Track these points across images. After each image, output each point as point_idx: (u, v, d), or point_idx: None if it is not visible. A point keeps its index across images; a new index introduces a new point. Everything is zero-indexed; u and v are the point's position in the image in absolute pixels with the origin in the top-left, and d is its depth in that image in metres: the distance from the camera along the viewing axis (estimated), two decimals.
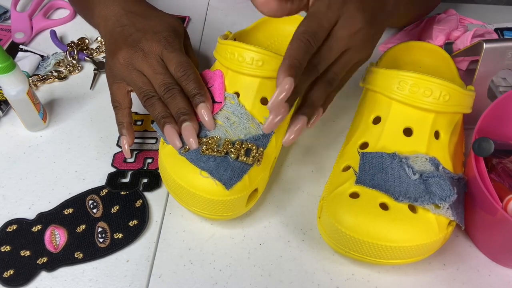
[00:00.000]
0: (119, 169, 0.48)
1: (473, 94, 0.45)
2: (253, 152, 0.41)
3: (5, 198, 0.46)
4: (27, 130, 0.52)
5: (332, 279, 0.41)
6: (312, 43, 0.36)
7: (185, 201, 0.41)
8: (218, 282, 0.40)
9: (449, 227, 0.39)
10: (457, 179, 0.41)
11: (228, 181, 0.39)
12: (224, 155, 0.40)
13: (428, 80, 0.41)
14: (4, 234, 0.43)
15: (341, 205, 0.39)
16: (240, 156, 0.40)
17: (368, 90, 0.47)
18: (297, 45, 0.35)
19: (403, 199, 0.38)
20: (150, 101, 0.44)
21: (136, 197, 0.46)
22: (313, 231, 0.44)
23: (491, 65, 0.48)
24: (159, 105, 0.43)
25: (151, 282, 0.40)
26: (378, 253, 0.37)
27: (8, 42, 0.61)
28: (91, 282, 0.40)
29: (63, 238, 0.43)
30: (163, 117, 0.43)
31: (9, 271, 0.40)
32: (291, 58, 0.35)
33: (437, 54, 0.52)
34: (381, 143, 0.42)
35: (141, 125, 0.52)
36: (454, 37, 0.59)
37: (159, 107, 0.43)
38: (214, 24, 0.67)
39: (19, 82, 0.46)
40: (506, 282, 0.41)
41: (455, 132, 0.44)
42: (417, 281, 0.41)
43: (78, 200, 0.45)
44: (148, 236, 0.43)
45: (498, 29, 0.63)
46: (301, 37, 0.36)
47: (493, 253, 0.42)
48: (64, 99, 0.55)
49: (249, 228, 0.44)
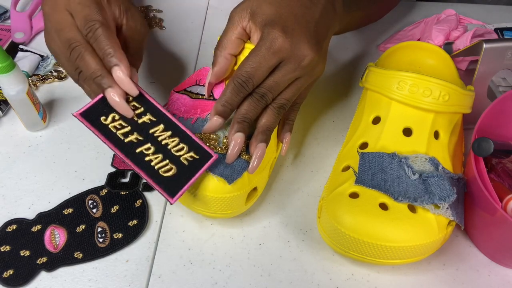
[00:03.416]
0: (119, 169, 0.48)
1: (472, 94, 0.45)
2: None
3: (5, 198, 0.46)
4: (27, 130, 0.52)
5: (332, 279, 0.41)
6: (245, 86, 0.38)
7: (184, 199, 0.41)
8: (218, 282, 0.40)
9: (449, 227, 0.39)
10: (457, 179, 0.41)
11: (229, 176, 0.39)
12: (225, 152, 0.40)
13: (427, 80, 0.41)
14: (4, 234, 0.43)
15: (340, 205, 0.39)
16: (241, 155, 0.40)
17: (368, 90, 0.47)
18: (230, 87, 0.39)
19: (402, 199, 0.38)
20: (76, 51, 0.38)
21: (136, 197, 0.46)
22: (313, 231, 0.44)
23: (491, 65, 0.48)
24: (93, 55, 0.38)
25: (151, 282, 0.40)
26: (378, 253, 0.37)
27: (8, 42, 0.61)
28: (90, 282, 0.40)
29: (63, 238, 0.43)
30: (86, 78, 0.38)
31: (9, 271, 0.40)
32: (223, 100, 0.39)
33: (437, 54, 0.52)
34: (381, 143, 0.42)
35: None
36: (454, 37, 0.59)
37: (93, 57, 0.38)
38: (214, 24, 0.67)
39: (18, 82, 0.46)
40: (505, 282, 0.41)
41: (455, 132, 0.44)
42: (417, 281, 0.41)
43: (77, 200, 0.45)
44: (148, 236, 0.43)
45: (498, 29, 0.63)
46: (235, 80, 0.38)
47: (492, 253, 0.42)
48: (63, 99, 0.55)
49: (249, 228, 0.44)
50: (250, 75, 0.38)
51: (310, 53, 0.39)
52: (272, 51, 0.38)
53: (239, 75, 0.38)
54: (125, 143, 0.37)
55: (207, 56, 0.62)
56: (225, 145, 0.40)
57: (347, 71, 0.61)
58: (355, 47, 0.64)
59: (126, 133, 0.38)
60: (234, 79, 0.38)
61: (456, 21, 0.60)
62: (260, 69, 0.38)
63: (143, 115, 0.39)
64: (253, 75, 0.38)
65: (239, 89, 0.38)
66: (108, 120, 0.37)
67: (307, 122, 0.54)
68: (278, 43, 0.38)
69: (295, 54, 0.39)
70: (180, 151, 0.38)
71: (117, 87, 0.37)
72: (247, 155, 0.40)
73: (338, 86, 0.58)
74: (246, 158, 0.40)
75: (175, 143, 0.38)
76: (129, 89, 0.37)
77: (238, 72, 0.38)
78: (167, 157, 0.38)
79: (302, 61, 0.39)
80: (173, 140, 0.39)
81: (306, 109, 0.54)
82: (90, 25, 0.37)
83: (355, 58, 0.63)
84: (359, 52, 0.63)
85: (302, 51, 0.39)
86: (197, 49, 0.63)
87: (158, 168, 0.37)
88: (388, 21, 0.66)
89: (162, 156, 0.38)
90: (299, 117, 0.52)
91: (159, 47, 0.63)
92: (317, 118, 0.54)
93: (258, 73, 0.38)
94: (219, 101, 0.39)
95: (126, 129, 0.38)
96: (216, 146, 0.40)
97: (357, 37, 0.65)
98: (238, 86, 0.38)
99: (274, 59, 0.38)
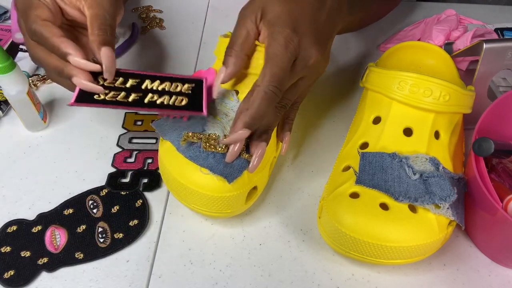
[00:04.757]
0: (119, 169, 0.48)
1: (473, 94, 0.45)
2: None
3: (5, 198, 0.46)
4: (27, 130, 0.52)
5: (332, 279, 0.41)
6: (277, 94, 0.37)
7: (184, 199, 0.41)
8: (218, 282, 0.40)
9: (449, 227, 0.39)
10: (457, 179, 0.41)
11: (229, 175, 0.39)
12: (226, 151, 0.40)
13: (428, 80, 0.41)
14: (4, 235, 0.43)
15: (341, 205, 0.39)
16: (241, 154, 0.40)
17: (368, 90, 0.47)
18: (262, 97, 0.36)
19: (403, 199, 0.38)
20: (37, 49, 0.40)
21: (136, 197, 0.46)
22: (313, 231, 0.44)
23: (491, 65, 0.48)
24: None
25: (151, 282, 0.40)
26: (378, 253, 0.37)
27: (8, 42, 0.61)
28: (91, 282, 0.40)
29: (64, 238, 0.43)
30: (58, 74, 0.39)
31: (10, 271, 0.40)
32: (254, 112, 0.36)
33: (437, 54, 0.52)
34: (381, 143, 0.42)
35: (141, 125, 0.52)
36: (454, 37, 0.59)
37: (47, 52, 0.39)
38: (214, 24, 0.67)
39: (19, 82, 0.46)
40: (506, 282, 0.41)
41: (455, 132, 0.44)
42: (417, 281, 0.41)
43: (78, 200, 0.45)
44: (148, 236, 0.43)
45: (498, 29, 0.63)
46: (267, 90, 0.36)
47: (493, 253, 0.42)
48: (64, 99, 0.55)
49: (249, 228, 0.44)
50: (280, 81, 0.37)
51: (316, 53, 0.39)
52: (290, 51, 0.37)
53: (270, 82, 0.36)
54: (130, 102, 0.39)
55: (207, 56, 0.62)
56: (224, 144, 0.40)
57: (348, 71, 0.61)
58: (355, 47, 0.64)
59: (125, 96, 0.39)
60: (265, 87, 0.36)
61: (456, 21, 0.60)
62: (286, 71, 0.37)
63: (126, 81, 0.40)
64: (283, 79, 0.37)
65: (272, 98, 0.36)
66: (101, 96, 0.38)
67: (307, 122, 0.54)
68: (293, 42, 0.37)
69: (302, 54, 0.38)
70: (177, 87, 0.41)
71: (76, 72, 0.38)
72: (247, 154, 0.40)
73: (338, 86, 0.58)
74: (246, 157, 0.40)
75: (169, 86, 0.41)
76: (89, 68, 0.38)
77: (266, 78, 0.36)
78: (172, 95, 0.40)
79: (308, 62, 0.39)
80: (165, 85, 0.41)
81: (306, 109, 0.54)
82: (28, 28, 0.38)
83: (355, 58, 0.63)
84: (359, 52, 0.63)
85: (309, 52, 0.39)
86: (197, 49, 0.63)
87: (172, 103, 0.39)
88: (388, 21, 0.66)
89: (168, 96, 0.40)
90: (299, 117, 0.52)
91: (159, 47, 0.63)
92: (318, 118, 0.54)
93: (286, 76, 0.37)
94: (248, 112, 0.36)
95: (122, 94, 0.39)
96: (216, 146, 0.40)
97: (357, 37, 0.65)
98: (271, 95, 0.36)
99: (292, 58, 0.38)
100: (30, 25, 0.38)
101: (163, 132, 0.43)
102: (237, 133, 0.37)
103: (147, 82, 0.40)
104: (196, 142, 0.40)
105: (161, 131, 0.43)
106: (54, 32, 0.38)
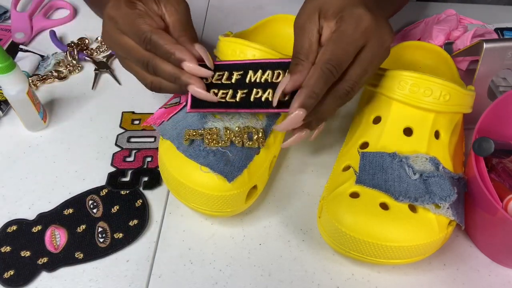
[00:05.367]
0: (119, 168, 0.48)
1: (473, 94, 0.45)
2: (255, 134, 0.41)
3: (5, 198, 0.46)
4: (27, 130, 0.52)
5: (332, 279, 0.41)
6: (334, 74, 0.35)
7: (184, 198, 0.41)
8: (218, 282, 0.40)
9: (449, 227, 0.39)
10: (457, 179, 0.41)
11: (229, 174, 0.39)
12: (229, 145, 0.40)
13: (428, 80, 0.41)
14: (4, 235, 0.43)
15: (341, 205, 0.39)
16: (244, 143, 0.40)
17: (368, 89, 0.47)
18: (318, 75, 0.34)
19: (403, 198, 0.38)
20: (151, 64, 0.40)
21: (136, 197, 0.46)
22: (313, 231, 0.44)
23: (491, 65, 0.48)
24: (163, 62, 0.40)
25: (151, 282, 0.40)
26: (378, 253, 0.37)
27: (8, 42, 0.61)
28: (91, 282, 0.40)
29: (64, 238, 0.43)
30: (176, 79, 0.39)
31: (10, 271, 0.40)
32: (309, 89, 0.35)
33: (437, 54, 0.52)
34: (381, 143, 0.42)
35: (139, 124, 0.52)
36: (454, 37, 0.59)
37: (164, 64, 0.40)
38: (214, 24, 0.67)
39: (19, 82, 0.46)
40: (506, 282, 0.41)
41: (455, 132, 0.44)
42: (417, 281, 0.41)
43: (78, 200, 0.45)
44: (148, 236, 0.43)
45: (498, 29, 0.63)
46: (324, 67, 0.34)
47: (493, 253, 0.42)
48: (64, 99, 0.55)
49: (249, 228, 0.44)
50: (340, 61, 0.34)
51: (391, 33, 0.37)
52: (360, 31, 0.35)
53: (328, 61, 0.34)
54: (239, 102, 0.40)
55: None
56: (227, 138, 0.40)
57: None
58: None
59: (233, 95, 0.40)
60: (322, 65, 0.34)
61: (456, 21, 0.60)
62: (349, 53, 0.35)
63: (231, 75, 0.41)
64: (342, 60, 0.35)
65: (329, 77, 0.34)
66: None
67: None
68: (366, 21, 0.35)
69: (378, 34, 0.36)
70: (279, 76, 0.40)
71: (193, 81, 0.39)
72: (251, 142, 0.40)
73: None
74: (249, 145, 0.40)
75: (271, 75, 0.40)
76: (204, 74, 0.39)
77: (325, 57, 0.35)
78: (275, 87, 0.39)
79: (384, 43, 0.36)
80: (267, 74, 0.40)
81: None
82: (143, 38, 0.39)
83: None
84: None
85: (384, 31, 0.36)
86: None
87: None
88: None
89: (272, 90, 0.39)
90: None
91: None
92: None
93: (347, 58, 0.35)
94: (303, 91, 0.35)
95: (230, 92, 0.40)
96: (218, 141, 0.40)
97: None
98: (328, 73, 0.34)
99: (361, 40, 0.35)
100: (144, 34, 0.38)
101: (163, 131, 0.43)
102: (294, 114, 0.35)
103: (250, 74, 0.41)
104: (197, 141, 0.40)
105: (161, 130, 0.43)
106: (169, 39, 0.39)
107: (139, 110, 0.54)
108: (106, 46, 0.40)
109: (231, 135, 0.40)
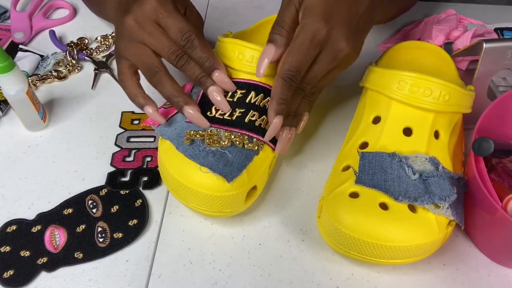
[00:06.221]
0: (119, 168, 0.48)
1: (473, 94, 0.45)
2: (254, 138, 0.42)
3: (5, 198, 0.46)
4: (26, 130, 0.52)
5: (332, 279, 0.41)
6: (295, 80, 0.39)
7: (184, 198, 0.41)
8: (217, 282, 0.40)
9: (449, 227, 0.39)
10: (457, 178, 0.41)
11: (228, 174, 0.39)
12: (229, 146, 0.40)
13: (427, 80, 0.41)
14: (4, 235, 0.43)
15: (341, 205, 0.39)
16: (245, 144, 0.41)
17: (368, 89, 0.47)
18: (281, 84, 0.39)
19: (402, 198, 0.38)
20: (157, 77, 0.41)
21: (136, 196, 0.46)
22: (313, 231, 0.44)
23: (491, 65, 0.48)
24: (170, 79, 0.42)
25: (150, 282, 0.40)
26: (378, 253, 0.37)
27: (8, 42, 0.61)
28: (90, 282, 0.40)
29: (63, 238, 0.43)
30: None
31: (9, 271, 0.40)
32: (277, 97, 0.39)
33: (437, 54, 0.52)
34: (381, 143, 0.42)
35: (138, 124, 0.52)
36: (454, 37, 0.59)
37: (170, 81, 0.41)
38: (214, 24, 0.67)
39: (18, 82, 0.46)
40: (506, 282, 0.41)
41: (455, 132, 0.44)
42: (417, 281, 0.41)
43: (77, 200, 0.45)
44: (147, 236, 0.43)
45: (498, 29, 0.63)
46: (284, 76, 0.39)
47: (493, 253, 0.42)
48: (63, 99, 0.55)
49: (249, 228, 0.44)
50: (298, 69, 0.39)
51: (347, 48, 0.39)
52: (315, 44, 0.38)
53: (288, 71, 0.38)
54: (233, 121, 0.42)
55: None
56: (227, 139, 0.40)
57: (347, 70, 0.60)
58: None
59: (230, 114, 0.42)
60: (283, 74, 0.39)
61: (456, 21, 0.60)
62: (305, 62, 0.39)
63: (234, 93, 0.43)
64: (300, 68, 0.39)
65: (290, 84, 0.39)
66: (213, 112, 0.42)
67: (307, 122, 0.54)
68: (321, 35, 0.38)
69: (333, 46, 0.39)
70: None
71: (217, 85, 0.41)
72: (251, 144, 0.40)
73: (338, 86, 0.58)
74: (249, 147, 0.40)
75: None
76: (230, 88, 0.42)
77: (285, 67, 0.39)
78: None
79: (338, 55, 0.39)
80: (267, 100, 0.43)
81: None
82: (186, 36, 0.40)
83: None
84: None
85: (340, 45, 0.39)
86: None
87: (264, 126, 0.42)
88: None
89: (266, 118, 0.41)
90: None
91: None
92: (317, 118, 0.54)
93: (304, 66, 0.39)
94: (273, 101, 0.39)
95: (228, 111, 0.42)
96: (219, 142, 0.40)
97: None
98: (289, 81, 0.39)
99: (316, 50, 0.39)
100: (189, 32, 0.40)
101: (162, 132, 0.43)
102: (273, 123, 0.39)
103: (252, 94, 0.43)
104: (196, 141, 0.40)
105: (160, 131, 0.43)
106: (208, 46, 0.41)
107: (138, 110, 0.54)
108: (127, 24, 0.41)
109: (231, 137, 0.41)
